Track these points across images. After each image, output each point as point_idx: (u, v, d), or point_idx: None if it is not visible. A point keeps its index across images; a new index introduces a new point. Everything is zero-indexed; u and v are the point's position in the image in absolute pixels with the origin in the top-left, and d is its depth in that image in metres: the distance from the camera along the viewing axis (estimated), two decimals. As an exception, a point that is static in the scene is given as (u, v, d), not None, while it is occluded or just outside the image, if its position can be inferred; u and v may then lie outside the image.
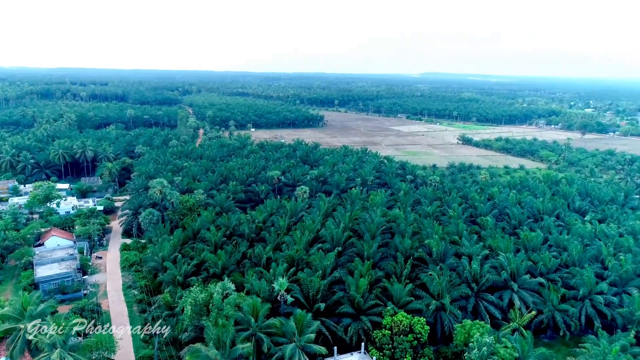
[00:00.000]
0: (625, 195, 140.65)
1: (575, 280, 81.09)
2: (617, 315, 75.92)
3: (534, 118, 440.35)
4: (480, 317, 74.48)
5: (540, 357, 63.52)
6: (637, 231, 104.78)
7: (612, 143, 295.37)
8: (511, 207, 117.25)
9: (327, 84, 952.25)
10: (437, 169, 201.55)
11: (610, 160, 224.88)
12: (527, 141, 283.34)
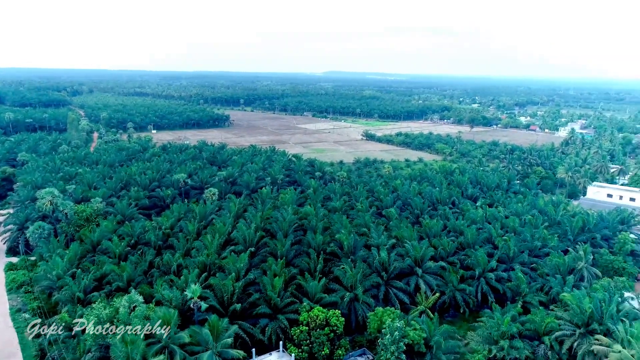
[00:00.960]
0: (508, 181, 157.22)
1: (471, 261, 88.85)
2: (507, 290, 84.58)
3: (429, 114, 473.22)
4: (391, 303, 78.52)
5: (444, 334, 68.79)
6: (520, 213, 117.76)
7: (496, 135, 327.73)
8: (413, 198, 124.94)
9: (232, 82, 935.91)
10: (344, 165, 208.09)
11: (495, 150, 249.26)
12: (424, 135, 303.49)
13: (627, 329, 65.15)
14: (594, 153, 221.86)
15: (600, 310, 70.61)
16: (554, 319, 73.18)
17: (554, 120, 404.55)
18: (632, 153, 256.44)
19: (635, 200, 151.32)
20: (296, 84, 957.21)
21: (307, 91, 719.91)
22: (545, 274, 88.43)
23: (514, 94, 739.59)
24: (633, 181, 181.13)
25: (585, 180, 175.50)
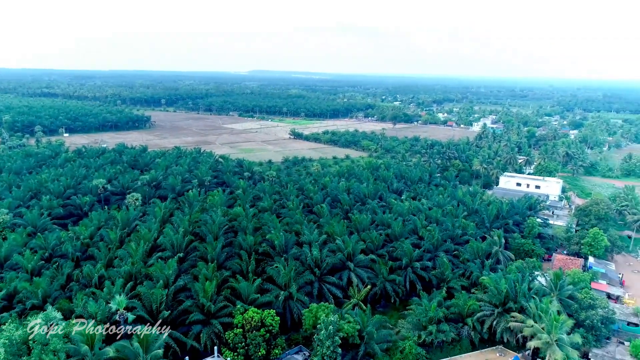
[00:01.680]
0: (429, 174, 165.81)
1: (399, 252, 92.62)
2: (432, 277, 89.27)
3: (354, 111, 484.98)
4: (325, 299, 79.73)
5: (376, 324, 71.23)
6: (442, 204, 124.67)
7: (417, 131, 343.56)
8: (342, 194, 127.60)
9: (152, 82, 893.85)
10: (273, 164, 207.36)
11: (416, 145, 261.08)
12: (350, 133, 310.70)
13: (538, 304, 71.56)
14: (503, 146, 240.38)
15: (515, 290, 76.94)
16: (475, 301, 78.61)
17: (468, 116, 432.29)
18: (535, 145, 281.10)
19: (540, 188, 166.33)
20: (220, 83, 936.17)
21: (232, 90, 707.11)
22: (466, 260, 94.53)
23: (432, 92, 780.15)
24: (537, 170, 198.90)
25: (498, 171, 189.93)
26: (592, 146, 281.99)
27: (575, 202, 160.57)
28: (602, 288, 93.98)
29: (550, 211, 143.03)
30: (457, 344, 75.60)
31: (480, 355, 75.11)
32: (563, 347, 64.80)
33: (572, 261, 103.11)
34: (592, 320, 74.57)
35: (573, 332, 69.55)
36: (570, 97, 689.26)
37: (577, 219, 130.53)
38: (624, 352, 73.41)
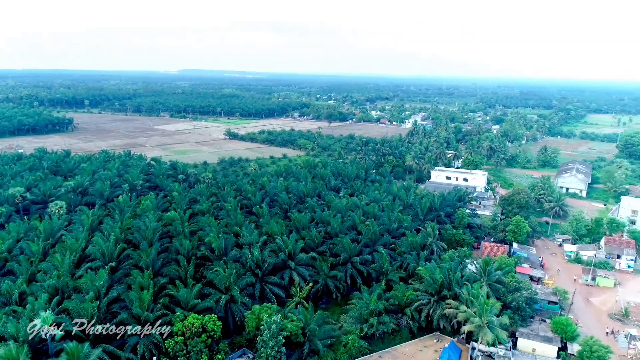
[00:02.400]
0: (365, 171, 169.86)
1: (338, 249, 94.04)
2: (372, 271, 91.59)
3: (290, 111, 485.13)
4: (267, 299, 79.20)
5: (319, 321, 71.93)
6: (378, 199, 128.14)
7: (352, 129, 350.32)
8: (281, 194, 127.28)
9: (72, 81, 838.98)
10: (209, 166, 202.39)
11: (352, 143, 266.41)
12: (286, 132, 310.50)
13: (469, 290, 75.75)
14: (433, 141, 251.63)
15: (449, 278, 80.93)
16: (413, 291, 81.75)
17: (399, 114, 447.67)
18: (462, 140, 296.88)
19: (467, 180, 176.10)
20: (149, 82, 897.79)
21: (162, 90, 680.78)
22: (403, 252, 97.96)
23: (364, 90, 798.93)
24: (465, 164, 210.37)
25: (429, 165, 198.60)
26: (512, 140, 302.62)
27: (499, 193, 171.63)
28: (525, 271, 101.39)
29: (478, 202, 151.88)
30: (397, 334, 78.22)
31: (419, 343, 78.24)
32: (493, 328, 69.14)
33: (498, 248, 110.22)
34: (518, 302, 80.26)
35: (502, 314, 74.38)
36: (491, 95, 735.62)
37: (501, 208, 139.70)
38: (546, 329, 79.70)
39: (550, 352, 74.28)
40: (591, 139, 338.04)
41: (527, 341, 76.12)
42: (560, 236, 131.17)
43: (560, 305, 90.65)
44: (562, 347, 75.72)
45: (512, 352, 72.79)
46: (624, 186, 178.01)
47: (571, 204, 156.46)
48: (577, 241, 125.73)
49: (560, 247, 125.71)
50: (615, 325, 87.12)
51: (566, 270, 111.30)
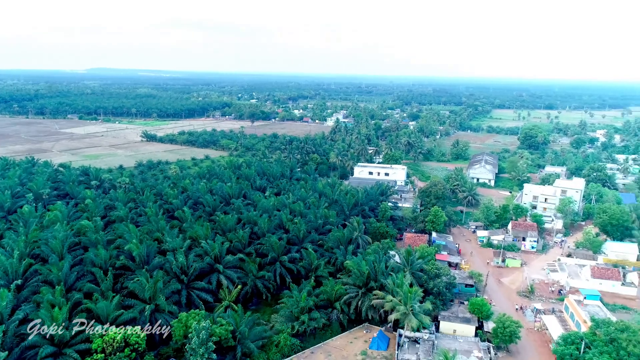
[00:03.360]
0: (290, 169, 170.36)
1: (266, 248, 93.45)
2: (301, 268, 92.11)
3: (211, 110, 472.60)
4: (195, 305, 76.67)
5: (250, 323, 71.10)
6: (304, 197, 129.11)
7: (275, 127, 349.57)
8: (204, 196, 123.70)
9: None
10: (125, 170, 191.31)
11: (276, 142, 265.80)
12: (208, 132, 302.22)
13: (394, 280, 78.97)
14: (355, 138, 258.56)
15: (374, 270, 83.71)
16: (342, 285, 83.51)
17: (322, 112, 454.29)
18: (382, 136, 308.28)
19: (389, 175, 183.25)
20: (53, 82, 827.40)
21: (69, 90, 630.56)
22: (330, 248, 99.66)
23: (286, 89, 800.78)
24: (385, 159, 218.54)
25: (352, 162, 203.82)
26: (427, 135, 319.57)
27: (418, 185, 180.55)
28: (444, 258, 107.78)
29: (399, 195, 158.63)
30: (328, 329, 79.49)
31: (349, 335, 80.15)
32: (417, 314, 72.71)
33: (419, 238, 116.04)
34: (439, 287, 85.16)
35: (425, 300, 78.54)
36: (407, 92, 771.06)
37: (420, 200, 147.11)
38: (465, 311, 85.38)
39: (469, 332, 79.64)
40: (496, 132, 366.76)
41: (448, 323, 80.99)
42: (473, 223, 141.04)
43: (476, 288, 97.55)
44: (479, 326, 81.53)
45: (435, 335, 77.04)
46: (526, 175, 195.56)
47: (482, 193, 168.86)
48: (488, 227, 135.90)
49: (473, 233, 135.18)
50: (523, 302, 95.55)
51: (480, 255, 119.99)
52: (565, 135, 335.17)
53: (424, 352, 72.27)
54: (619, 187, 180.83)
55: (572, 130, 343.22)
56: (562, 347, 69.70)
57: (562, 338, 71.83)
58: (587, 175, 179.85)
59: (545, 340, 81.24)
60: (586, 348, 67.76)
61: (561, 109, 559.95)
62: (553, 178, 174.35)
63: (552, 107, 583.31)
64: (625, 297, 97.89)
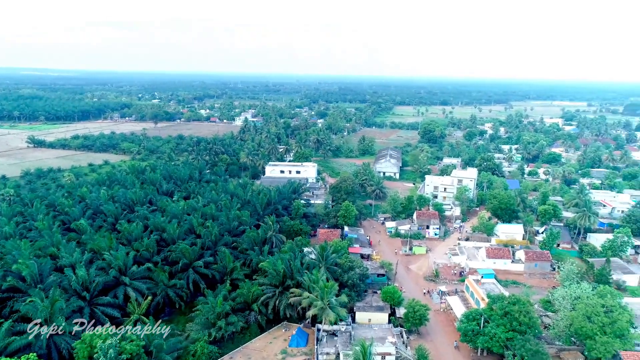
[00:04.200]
0: (199, 171, 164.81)
1: (177, 255, 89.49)
2: (215, 273, 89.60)
3: (108, 112, 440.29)
4: (101, 323, 71.07)
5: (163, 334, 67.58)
6: (215, 199, 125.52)
7: (180, 129, 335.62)
8: (106, 204, 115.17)
9: None
10: (9, 180, 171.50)
11: (182, 143, 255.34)
12: (106, 135, 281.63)
13: (310, 277, 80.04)
14: (265, 137, 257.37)
15: (290, 268, 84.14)
16: (258, 286, 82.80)
17: (229, 111, 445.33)
18: (292, 134, 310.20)
19: (300, 173, 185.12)
20: None
21: None
22: (245, 249, 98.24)
23: (191, 89, 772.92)
24: (296, 157, 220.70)
25: (263, 161, 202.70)
26: (335, 132, 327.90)
27: (328, 182, 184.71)
28: (357, 251, 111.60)
29: (311, 192, 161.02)
30: (246, 332, 78.38)
31: (268, 335, 79.74)
32: (334, 308, 74.47)
33: (332, 233, 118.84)
34: (353, 280, 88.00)
35: (340, 293, 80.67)
36: (314, 91, 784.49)
37: (331, 196, 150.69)
38: (378, 300, 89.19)
39: (382, 319, 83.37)
40: (399, 127, 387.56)
41: (364, 313, 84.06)
42: (382, 215, 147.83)
43: (387, 277, 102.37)
44: (391, 313, 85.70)
45: (352, 326, 79.51)
46: (427, 167, 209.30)
47: (388, 186, 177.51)
48: (395, 218, 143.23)
49: (382, 224, 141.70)
50: (430, 286, 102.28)
51: (389, 245, 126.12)
52: (459, 128, 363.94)
53: (342, 343, 74.24)
54: (505, 174, 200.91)
55: (464, 124, 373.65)
56: (465, 323, 75.84)
57: (465, 316, 78.12)
58: (479, 165, 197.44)
59: (451, 319, 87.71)
60: (485, 322, 74.38)
61: (454, 105, 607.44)
62: (450, 169, 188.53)
63: (447, 103, 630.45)
64: (515, 273, 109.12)
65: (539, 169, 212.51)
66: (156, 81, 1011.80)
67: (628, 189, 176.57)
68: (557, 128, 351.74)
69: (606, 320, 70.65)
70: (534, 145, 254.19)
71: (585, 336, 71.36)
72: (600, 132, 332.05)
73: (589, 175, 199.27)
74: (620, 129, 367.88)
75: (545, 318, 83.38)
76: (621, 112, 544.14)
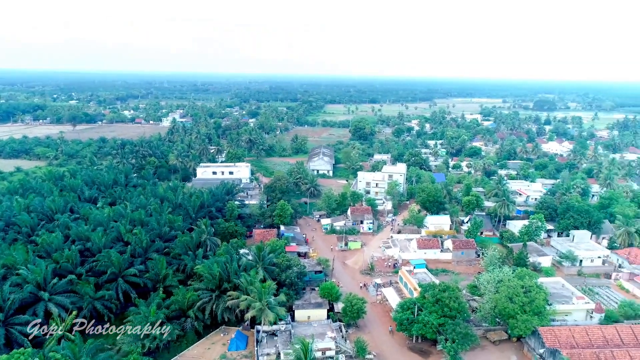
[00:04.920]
0: (125, 175, 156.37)
1: (104, 265, 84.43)
2: (147, 281, 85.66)
3: (18, 114, 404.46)
4: (18, 344, 65.39)
5: (92, 350, 63.51)
6: (144, 204, 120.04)
7: (103, 131, 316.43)
8: (20, 215, 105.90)
9: None
10: None
11: (105, 147, 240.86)
12: (17, 140, 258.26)
13: (247, 278, 79.05)
14: (195, 138, 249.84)
15: (227, 271, 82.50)
16: (194, 292, 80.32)
17: (156, 112, 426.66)
18: (223, 135, 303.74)
19: (233, 173, 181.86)
20: None
21: None
22: (178, 255, 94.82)
23: (113, 89, 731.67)
24: (228, 158, 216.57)
25: (194, 162, 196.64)
26: (268, 131, 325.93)
27: (262, 182, 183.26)
28: (294, 249, 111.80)
29: (245, 193, 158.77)
30: (183, 339, 75.82)
31: (206, 341, 77.67)
32: (273, 308, 74.12)
33: (268, 232, 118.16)
34: (291, 278, 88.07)
35: (279, 293, 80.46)
36: (244, 90, 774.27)
37: (266, 195, 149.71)
38: (317, 296, 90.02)
39: (321, 316, 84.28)
40: (331, 126, 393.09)
41: (303, 311, 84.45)
42: (317, 212, 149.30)
43: (324, 273, 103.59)
44: (330, 309, 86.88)
45: (291, 325, 79.58)
46: (359, 163, 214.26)
47: (322, 183, 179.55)
48: (330, 215, 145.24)
49: (318, 222, 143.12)
50: (365, 279, 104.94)
51: (325, 241, 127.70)
52: (388, 125, 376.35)
53: (282, 343, 74.10)
54: (432, 168, 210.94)
55: (392, 121, 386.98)
56: (400, 313, 78.77)
57: (399, 305, 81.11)
58: (408, 160, 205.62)
59: (387, 310, 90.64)
60: (419, 311, 77.73)
61: (383, 103, 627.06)
62: (381, 165, 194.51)
63: (375, 101, 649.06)
64: (444, 261, 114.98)
65: (462, 162, 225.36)
66: (73, 81, 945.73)
67: (540, 178, 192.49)
68: (476, 123, 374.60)
69: (525, 300, 76.57)
70: (456, 140, 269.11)
71: (508, 316, 76.92)
72: (515, 126, 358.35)
73: (506, 166, 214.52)
74: (531, 123, 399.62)
75: (473, 302, 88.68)
76: (531, 107, 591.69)
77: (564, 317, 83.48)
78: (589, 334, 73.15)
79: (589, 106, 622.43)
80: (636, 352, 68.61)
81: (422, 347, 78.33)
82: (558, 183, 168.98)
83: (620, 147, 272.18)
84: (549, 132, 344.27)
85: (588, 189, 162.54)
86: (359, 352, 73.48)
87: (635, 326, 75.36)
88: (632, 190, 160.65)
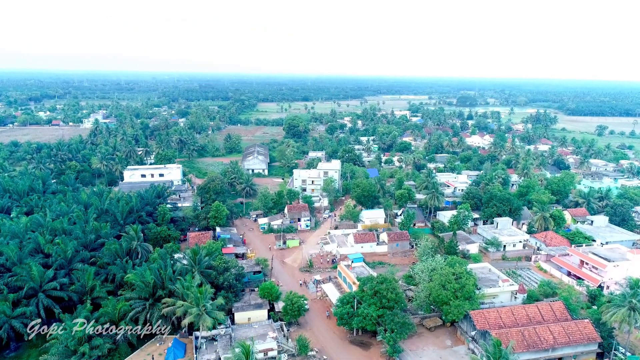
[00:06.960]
0: (43, 182, 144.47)
1: (22, 279, 77.50)
2: (72, 294, 79.74)
3: None
4: None
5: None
6: (66, 212, 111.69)
7: (14, 134, 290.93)
8: None
9: None
10: None
11: (18, 151, 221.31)
12: None
13: (183, 283, 76.13)
14: (120, 140, 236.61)
15: (161, 277, 78.93)
16: (125, 302, 75.98)
17: (75, 113, 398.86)
18: (151, 135, 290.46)
19: (163, 176, 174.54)
20: None
21: None
22: (106, 264, 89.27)
23: (24, 88, 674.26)
24: (158, 159, 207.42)
25: (120, 165, 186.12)
26: (199, 131, 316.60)
27: (195, 183, 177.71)
28: (231, 251, 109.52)
29: (177, 195, 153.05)
30: (115, 353, 71.52)
31: (141, 353, 73.88)
32: (211, 312, 71.92)
33: (204, 235, 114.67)
34: (229, 281, 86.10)
35: (217, 296, 78.26)
36: (172, 89, 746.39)
37: (200, 197, 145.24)
38: (256, 297, 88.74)
39: (262, 316, 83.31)
40: (264, 124, 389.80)
41: (243, 313, 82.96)
42: (254, 212, 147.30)
43: (263, 273, 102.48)
44: (271, 308, 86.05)
45: (231, 328, 77.86)
46: (294, 161, 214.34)
47: (258, 182, 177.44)
48: (267, 214, 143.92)
49: (255, 222, 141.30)
50: (305, 276, 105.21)
51: (263, 241, 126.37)
52: (321, 123, 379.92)
53: (222, 347, 72.30)
54: (365, 163, 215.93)
55: (325, 118, 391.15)
56: (340, 307, 79.76)
57: (339, 300, 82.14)
58: (342, 157, 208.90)
59: (327, 305, 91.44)
60: (358, 304, 79.15)
61: (315, 100, 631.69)
62: (316, 162, 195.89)
63: (308, 99, 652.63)
64: (380, 254, 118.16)
65: (394, 157, 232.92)
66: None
67: (465, 170, 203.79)
68: (405, 119, 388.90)
69: (457, 286, 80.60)
70: (387, 136, 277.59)
71: (442, 302, 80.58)
72: (441, 121, 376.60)
73: (434, 160, 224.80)
74: (455, 118, 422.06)
75: (409, 292, 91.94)
76: (455, 103, 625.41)
77: (491, 300, 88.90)
78: (514, 313, 78.55)
79: (505, 102, 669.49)
80: (555, 327, 74.71)
81: (362, 339, 79.91)
82: (481, 174, 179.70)
83: (534, 139, 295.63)
84: (471, 127, 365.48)
85: (508, 178, 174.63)
86: (301, 349, 73.48)
87: (554, 303, 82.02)
88: (546, 178, 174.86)
